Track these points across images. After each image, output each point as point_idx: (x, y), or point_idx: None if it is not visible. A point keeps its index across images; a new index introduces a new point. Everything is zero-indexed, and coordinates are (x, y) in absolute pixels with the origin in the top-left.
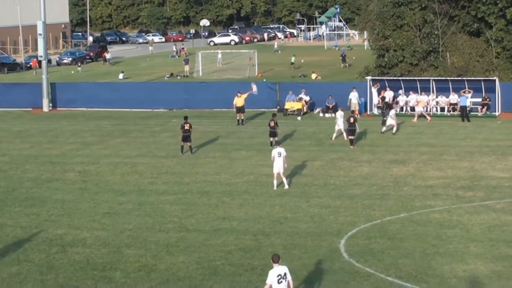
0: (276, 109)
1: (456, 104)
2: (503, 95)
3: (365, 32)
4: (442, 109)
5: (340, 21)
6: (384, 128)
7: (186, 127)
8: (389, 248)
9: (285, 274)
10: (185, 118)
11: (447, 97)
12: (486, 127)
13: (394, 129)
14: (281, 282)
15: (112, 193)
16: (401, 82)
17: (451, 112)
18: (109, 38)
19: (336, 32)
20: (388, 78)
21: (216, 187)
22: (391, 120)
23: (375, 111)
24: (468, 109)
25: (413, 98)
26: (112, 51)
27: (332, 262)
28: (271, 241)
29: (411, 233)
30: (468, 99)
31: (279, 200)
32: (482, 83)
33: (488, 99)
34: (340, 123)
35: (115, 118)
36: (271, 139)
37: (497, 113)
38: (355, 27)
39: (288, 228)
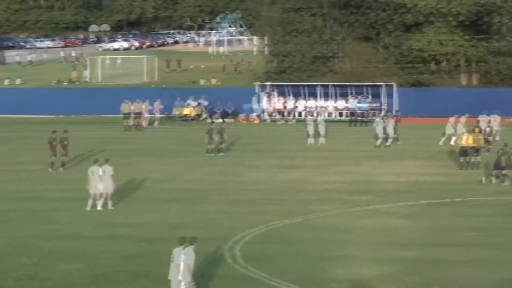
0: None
1: (353, 109)
2: (400, 100)
3: (265, 37)
4: (340, 114)
5: (241, 26)
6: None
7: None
8: (284, 253)
9: (173, 256)
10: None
11: (346, 102)
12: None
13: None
14: (172, 261)
15: None
16: (301, 87)
17: (349, 117)
18: None
19: (236, 37)
20: (288, 83)
21: None
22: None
23: (264, 116)
24: (367, 113)
25: (301, 103)
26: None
27: (228, 267)
28: (167, 247)
29: (307, 237)
30: (362, 104)
31: (175, 206)
32: (380, 88)
33: (385, 104)
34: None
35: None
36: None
37: None
38: (256, 32)
39: (184, 233)
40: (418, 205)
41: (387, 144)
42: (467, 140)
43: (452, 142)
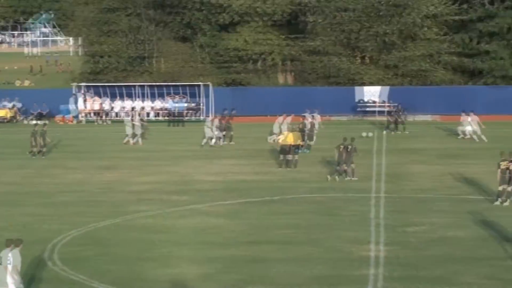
0: None
1: (168, 109)
2: (217, 99)
3: (79, 38)
4: (158, 114)
5: (54, 27)
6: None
7: None
8: (102, 255)
9: (1, 258)
10: None
11: (162, 102)
12: (199, 131)
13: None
14: (0, 264)
15: None
16: (117, 88)
17: (165, 117)
18: None
19: (50, 38)
20: (102, 84)
21: None
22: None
23: (81, 117)
24: (184, 113)
25: (118, 104)
26: None
27: (46, 271)
28: None
29: (125, 238)
30: (179, 104)
31: None
32: (196, 88)
33: (200, 104)
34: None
35: None
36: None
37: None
38: (70, 33)
39: (0, 237)
40: (237, 203)
41: (215, 143)
42: (287, 138)
43: (271, 141)
